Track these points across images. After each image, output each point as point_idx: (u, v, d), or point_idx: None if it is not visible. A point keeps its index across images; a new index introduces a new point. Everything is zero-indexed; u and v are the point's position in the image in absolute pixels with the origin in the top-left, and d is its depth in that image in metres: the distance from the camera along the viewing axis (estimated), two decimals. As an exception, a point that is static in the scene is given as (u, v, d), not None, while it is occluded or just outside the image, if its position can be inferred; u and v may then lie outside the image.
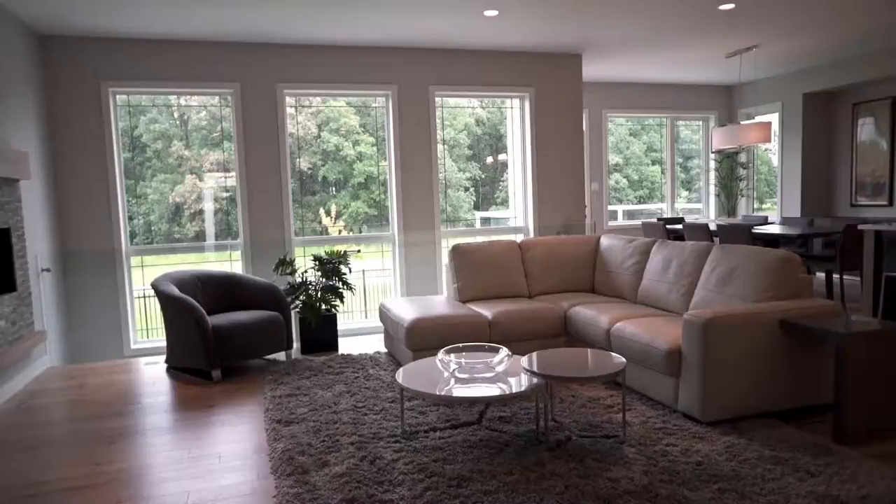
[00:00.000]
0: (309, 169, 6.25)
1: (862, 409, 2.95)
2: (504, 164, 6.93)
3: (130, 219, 5.77)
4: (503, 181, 6.98)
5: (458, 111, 6.75)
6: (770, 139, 6.82)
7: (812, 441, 2.93)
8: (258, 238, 5.77)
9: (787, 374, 3.26)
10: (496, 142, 6.93)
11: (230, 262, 5.85)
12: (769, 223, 7.33)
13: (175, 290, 4.44)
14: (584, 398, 3.67)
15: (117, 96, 5.53)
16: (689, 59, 7.11)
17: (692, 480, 2.58)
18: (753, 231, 5.82)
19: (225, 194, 5.93)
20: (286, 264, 5.22)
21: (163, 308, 4.56)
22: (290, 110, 5.93)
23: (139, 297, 5.78)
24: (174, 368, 4.68)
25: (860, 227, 4.82)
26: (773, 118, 8.43)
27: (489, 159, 7.01)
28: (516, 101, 6.63)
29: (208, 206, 6.00)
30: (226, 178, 5.90)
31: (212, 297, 4.88)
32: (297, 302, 5.16)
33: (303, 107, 6.09)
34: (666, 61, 7.17)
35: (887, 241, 4.31)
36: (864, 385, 2.94)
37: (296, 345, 5.35)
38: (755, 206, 9.07)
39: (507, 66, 6.41)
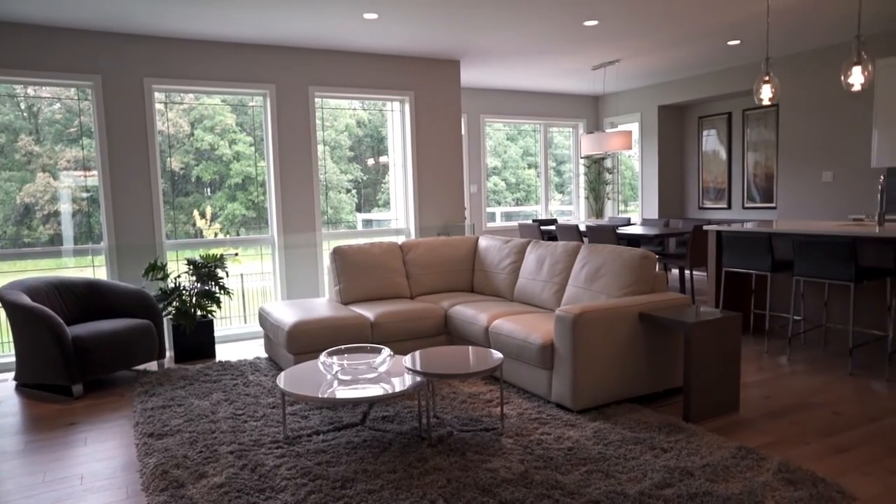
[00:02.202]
0: (181, 169, 5.92)
1: (705, 389, 3.31)
2: (385, 167, 6.98)
3: (-30, 221, 5.17)
4: (385, 183, 7.03)
5: (339, 112, 6.70)
6: (631, 146, 7.41)
7: (666, 421, 3.25)
8: (125, 242, 5.40)
9: (645, 362, 3.58)
10: (378, 144, 6.96)
11: (93, 268, 5.42)
12: (632, 224, 7.95)
13: (26, 299, 4.06)
14: (465, 394, 3.80)
15: (-48, 84, 4.94)
16: (559, 70, 7.55)
17: (564, 465, 2.77)
18: (618, 231, 6.30)
19: (85, 195, 5.48)
20: (157, 269, 4.94)
21: (10, 319, 4.14)
22: (159, 106, 5.60)
23: (-18, 309, 5.19)
24: (26, 386, 4.28)
25: (705, 227, 5.39)
26: (634, 127, 9.16)
27: (371, 161, 7.02)
28: (396, 104, 6.70)
29: (65, 208, 5.52)
30: (86, 177, 5.45)
31: (72, 306, 4.51)
32: (170, 308, 4.90)
33: (173, 103, 5.76)
34: (539, 71, 7.57)
35: (726, 240, 4.85)
36: (707, 368, 3.31)
37: (169, 353, 5.07)
38: (620, 208, 9.79)
39: (387, 69, 6.47)
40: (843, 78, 4.22)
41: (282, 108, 5.97)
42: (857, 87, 4.18)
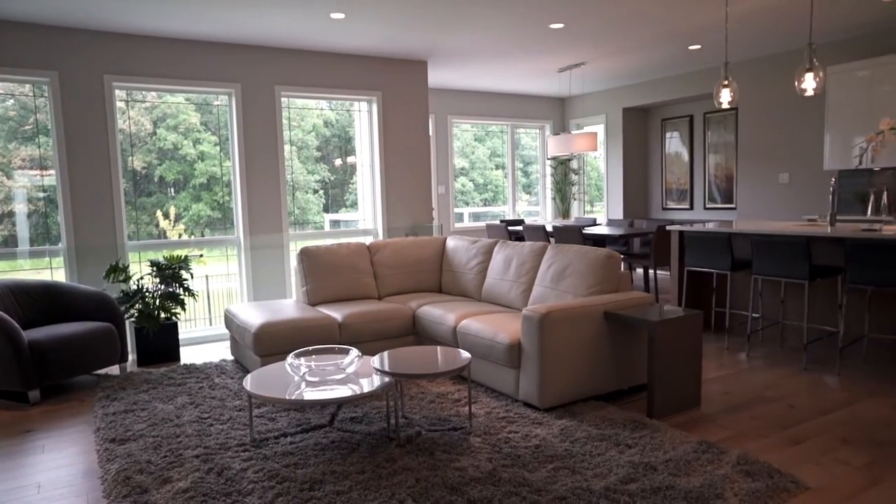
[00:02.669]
0: (143, 168, 5.80)
1: (668, 386, 3.39)
2: (353, 167, 6.95)
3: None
4: (352, 183, 7.00)
5: (307, 112, 6.65)
6: (596, 147, 7.53)
7: (630, 418, 3.32)
8: (85, 243, 5.26)
9: (610, 360, 3.65)
10: (345, 144, 6.93)
11: (51, 270, 5.27)
12: (597, 224, 8.08)
13: (-19, 303, 3.93)
14: (433, 394, 3.82)
15: None
16: (526, 72, 7.63)
17: (531, 462, 2.81)
18: (584, 232, 6.39)
19: (41, 194, 5.33)
20: (119, 270, 4.83)
21: (-35, 324, 4.00)
22: (120, 104, 5.47)
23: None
24: (-20, 391, 4.14)
25: (668, 228, 5.51)
26: (599, 129, 9.30)
27: (338, 161, 6.98)
28: (364, 105, 6.68)
29: (20, 208, 5.35)
30: (42, 176, 5.30)
31: (28, 310, 4.39)
32: (133, 311, 4.81)
33: (135, 101, 5.64)
34: (506, 72, 7.63)
35: (688, 240, 4.97)
36: (670, 365, 3.39)
37: (131, 357, 4.97)
38: (586, 208, 9.93)
39: (354, 69, 6.45)
40: (796, 83, 4.37)
41: (247, 108, 5.90)
42: (809, 93, 4.33)
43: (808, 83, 4.32)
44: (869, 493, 2.49)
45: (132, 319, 4.84)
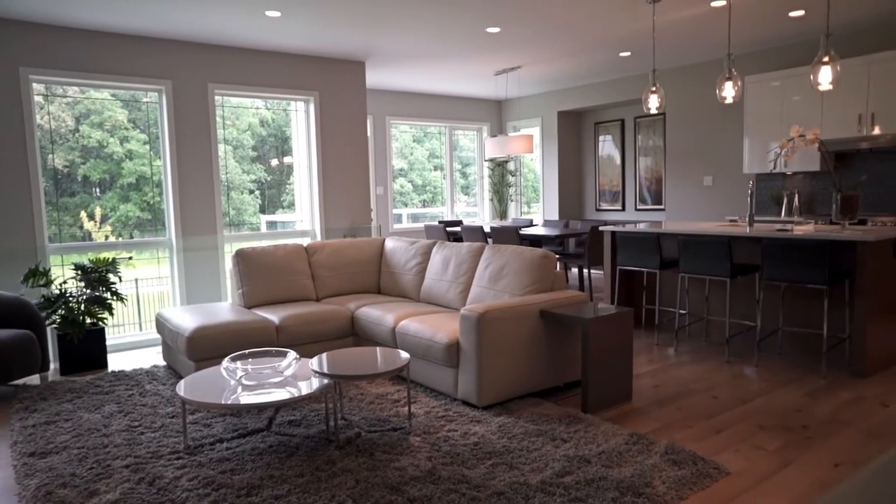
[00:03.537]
0: (65, 167, 5.51)
1: (601, 381, 3.52)
2: (290, 167, 6.85)
3: None
4: (289, 184, 6.89)
5: (242, 111, 6.49)
6: (532, 150, 7.70)
7: (566, 413, 3.43)
8: (-1, 245, 4.97)
9: (546, 358, 3.75)
10: (282, 144, 6.81)
11: (-39, 275, 4.94)
12: (534, 225, 8.25)
13: None
14: (373, 395, 3.82)
15: None
16: (464, 74, 7.72)
17: (470, 459, 2.86)
18: (520, 232, 6.52)
19: (-49, 194, 4.99)
20: (39, 274, 4.59)
21: None
22: (38, 99, 5.19)
23: None
24: None
25: (601, 228, 5.70)
26: (535, 131, 9.51)
27: (275, 161, 6.86)
28: (301, 104, 6.60)
29: (-72, 209, 5.00)
30: (-48, 174, 4.97)
31: (-64, 317, 4.11)
32: (55, 316, 4.57)
33: (55, 96, 5.36)
34: (444, 74, 7.69)
35: (620, 240, 5.16)
36: (603, 361, 3.52)
37: (54, 365, 4.74)
38: (523, 209, 10.13)
39: (291, 68, 6.35)
40: (717, 91, 4.62)
41: (179, 106, 5.72)
42: (729, 100, 4.59)
43: (728, 91, 4.58)
44: (781, 474, 2.67)
45: (54, 326, 4.61)
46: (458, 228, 7.47)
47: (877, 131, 5.62)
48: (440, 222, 8.00)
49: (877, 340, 4.08)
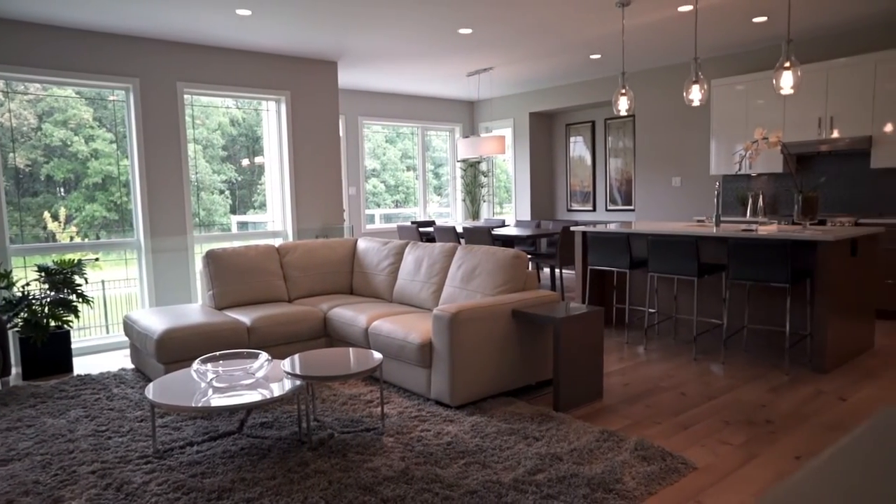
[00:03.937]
0: (27, 166, 5.37)
1: (572, 379, 3.57)
2: (261, 167, 6.78)
3: None
4: (261, 184, 6.82)
5: (212, 110, 6.41)
6: (504, 150, 7.75)
7: (538, 412, 3.46)
8: (-42, 247, 4.82)
9: (519, 357, 3.79)
10: (253, 143, 6.74)
11: (-83, 277, 4.78)
12: (506, 226, 8.31)
13: None
14: (346, 396, 3.82)
15: None
16: (436, 75, 7.73)
17: (443, 459, 2.88)
18: (493, 233, 6.57)
19: None
20: (0, 277, 4.47)
21: None
22: (-1, 96, 5.06)
23: None
24: None
25: (572, 229, 5.77)
26: (507, 132, 9.57)
27: (246, 161, 6.79)
28: (272, 104, 6.54)
29: None
30: None
31: None
32: (17, 320, 4.46)
33: (16, 93, 5.22)
34: (416, 75, 7.70)
35: (591, 241, 5.23)
36: (574, 359, 3.57)
37: (15, 370, 4.62)
38: (496, 210, 10.18)
39: (262, 67, 6.29)
40: (685, 94, 4.72)
41: (147, 104, 5.62)
42: (696, 103, 4.69)
43: (695, 94, 4.68)
44: (746, 469, 2.75)
45: (16, 329, 4.50)
46: (430, 229, 7.48)
47: (836, 134, 5.80)
48: (413, 223, 8.00)
49: (836, 337, 4.21)
